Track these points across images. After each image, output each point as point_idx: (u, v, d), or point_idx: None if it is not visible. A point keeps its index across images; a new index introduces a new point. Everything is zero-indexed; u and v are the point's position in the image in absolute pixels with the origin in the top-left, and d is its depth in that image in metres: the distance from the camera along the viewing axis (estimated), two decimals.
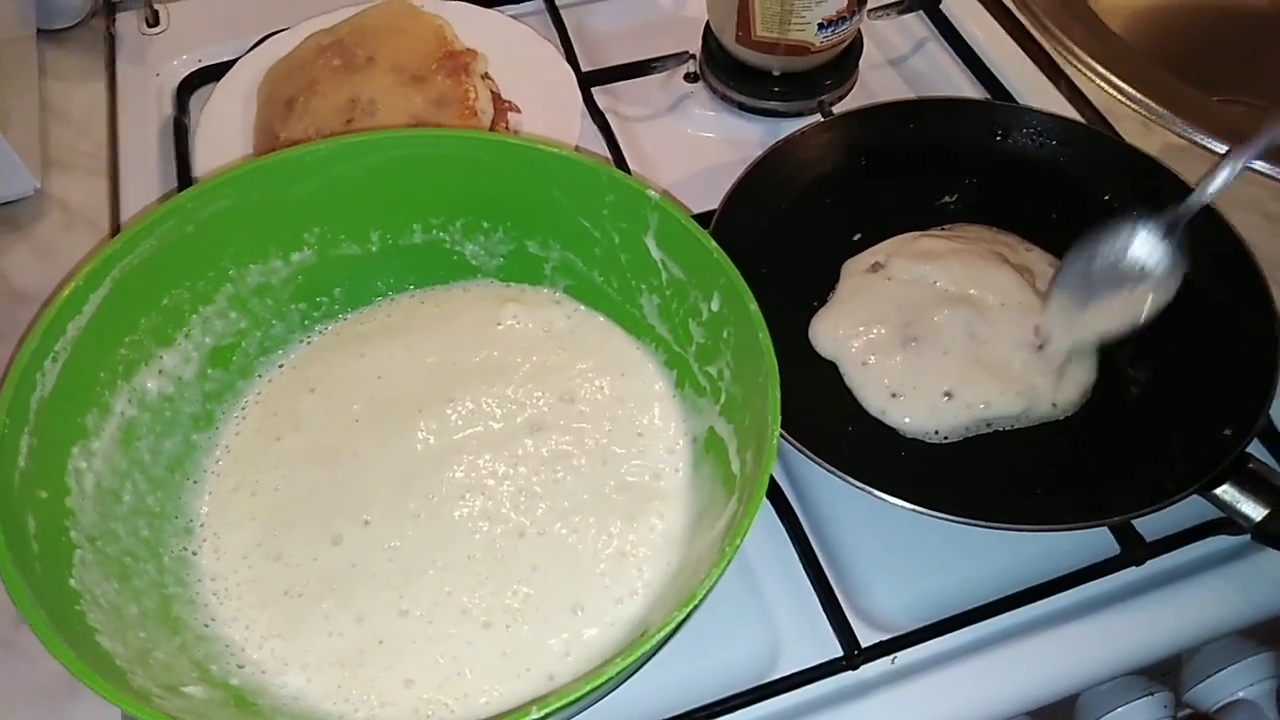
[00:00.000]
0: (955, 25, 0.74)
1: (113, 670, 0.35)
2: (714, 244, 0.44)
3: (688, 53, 0.70)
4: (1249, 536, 0.48)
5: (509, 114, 0.63)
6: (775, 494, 0.50)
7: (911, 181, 0.61)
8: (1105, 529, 0.49)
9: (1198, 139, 0.67)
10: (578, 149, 0.63)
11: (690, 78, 0.71)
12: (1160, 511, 0.46)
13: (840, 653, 0.46)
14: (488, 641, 0.42)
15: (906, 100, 0.68)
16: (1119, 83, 0.71)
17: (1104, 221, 0.50)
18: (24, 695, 0.46)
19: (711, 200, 0.57)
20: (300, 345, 0.52)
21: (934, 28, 0.75)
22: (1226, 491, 0.47)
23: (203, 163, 0.63)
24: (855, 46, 0.70)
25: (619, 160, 0.64)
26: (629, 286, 0.50)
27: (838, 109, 0.67)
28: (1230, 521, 0.48)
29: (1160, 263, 0.49)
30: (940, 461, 0.51)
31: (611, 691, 0.37)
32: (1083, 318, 0.51)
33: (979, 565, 0.50)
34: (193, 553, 0.45)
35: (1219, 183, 0.47)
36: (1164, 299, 0.49)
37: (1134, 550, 0.49)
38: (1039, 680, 0.47)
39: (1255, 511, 0.46)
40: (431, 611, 0.43)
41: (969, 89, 0.71)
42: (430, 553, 0.45)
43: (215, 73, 0.69)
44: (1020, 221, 0.59)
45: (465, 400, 0.50)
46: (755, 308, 0.42)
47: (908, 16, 0.76)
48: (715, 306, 0.46)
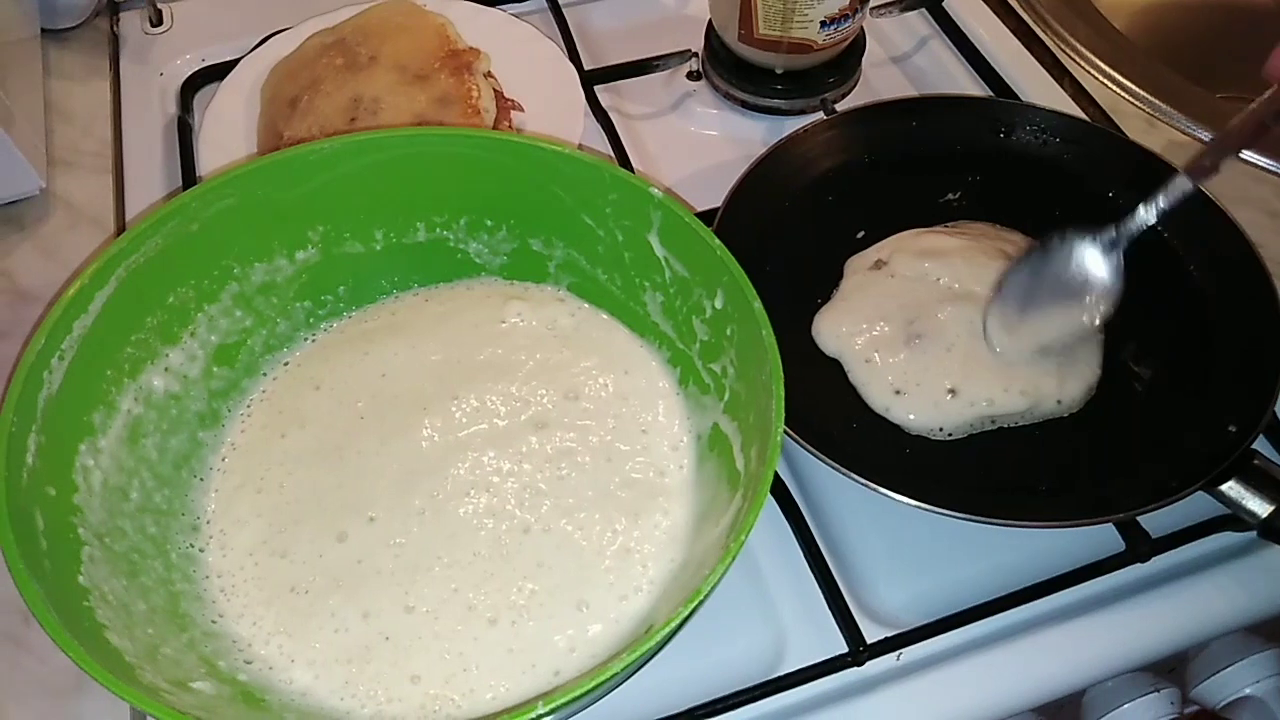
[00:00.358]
0: (958, 23, 0.74)
1: (122, 666, 0.36)
2: (717, 241, 0.44)
3: (690, 51, 0.71)
4: (1255, 533, 0.48)
5: (512, 112, 0.64)
6: (780, 490, 0.50)
7: (915, 179, 0.61)
8: (1110, 525, 0.49)
9: (1202, 136, 0.67)
10: (580, 147, 0.63)
11: (693, 76, 0.71)
12: (1165, 508, 0.46)
13: (845, 649, 0.46)
14: (493, 638, 0.43)
15: (909, 98, 0.68)
16: (1123, 80, 0.71)
17: (1055, 230, 0.51)
18: (33, 691, 0.46)
19: (714, 198, 0.57)
20: (305, 343, 0.52)
21: (937, 25, 0.75)
22: (1232, 488, 0.47)
23: (207, 162, 0.63)
24: (858, 44, 0.70)
25: (622, 158, 0.64)
26: (632, 284, 0.50)
27: (840, 107, 0.67)
28: (1236, 518, 0.48)
29: (1104, 277, 0.49)
30: (945, 458, 0.51)
31: (617, 687, 0.37)
32: (1022, 325, 0.51)
33: (984, 562, 0.50)
34: (199, 550, 0.45)
35: (1164, 203, 0.47)
36: (1104, 313, 0.50)
37: (1139, 547, 0.49)
38: (1045, 677, 0.47)
39: (1261, 508, 0.46)
40: (438, 608, 0.43)
41: (972, 86, 0.71)
42: (436, 549, 0.45)
43: (219, 72, 0.69)
44: (1024, 219, 0.59)
45: (469, 398, 0.50)
46: (759, 305, 0.42)
47: (910, 14, 0.76)
48: (719, 304, 0.46)
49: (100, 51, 0.72)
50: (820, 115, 0.66)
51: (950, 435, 0.51)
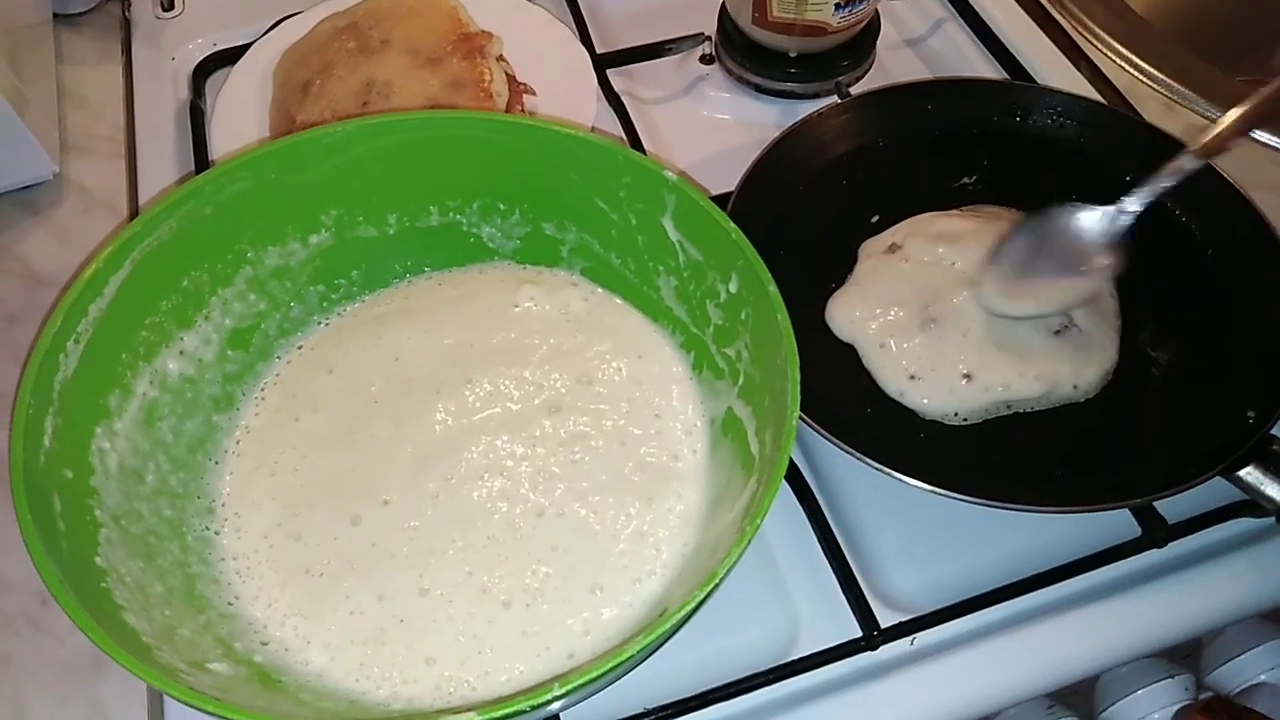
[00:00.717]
0: (973, 5, 0.73)
1: (140, 646, 0.36)
2: (732, 225, 0.44)
3: (703, 34, 0.70)
4: (1272, 519, 0.48)
5: (524, 96, 0.63)
6: (793, 475, 0.50)
7: (930, 163, 0.61)
8: (1127, 511, 0.49)
9: (1220, 119, 0.67)
10: (593, 131, 0.63)
11: (706, 59, 0.71)
12: (1182, 493, 0.46)
13: (859, 633, 0.46)
14: (508, 620, 0.43)
15: (924, 81, 0.67)
16: (1140, 62, 0.70)
17: (1063, 202, 0.51)
18: (51, 671, 0.46)
19: (728, 182, 0.57)
20: (319, 327, 0.52)
21: (952, 7, 0.74)
22: (1250, 474, 0.46)
23: (219, 146, 0.63)
24: (872, 27, 0.69)
25: (635, 142, 0.64)
26: (646, 268, 0.50)
27: (855, 90, 0.66)
28: (1253, 503, 0.47)
29: (1104, 249, 0.49)
30: (960, 443, 0.50)
31: (631, 670, 0.37)
32: (1018, 290, 0.51)
33: (998, 547, 0.50)
34: (215, 532, 0.45)
35: (1170, 178, 0.48)
36: (1101, 286, 0.50)
37: (1156, 532, 0.48)
38: (1059, 662, 0.47)
39: (1279, 494, 0.46)
40: (452, 591, 0.43)
41: (987, 69, 0.71)
42: (450, 532, 0.45)
43: (230, 56, 0.69)
44: (1040, 203, 0.58)
45: (483, 381, 0.50)
46: (774, 289, 0.42)
47: None
48: (733, 288, 0.45)
49: (112, 36, 0.72)
50: (834, 99, 0.65)
51: (965, 420, 0.51)
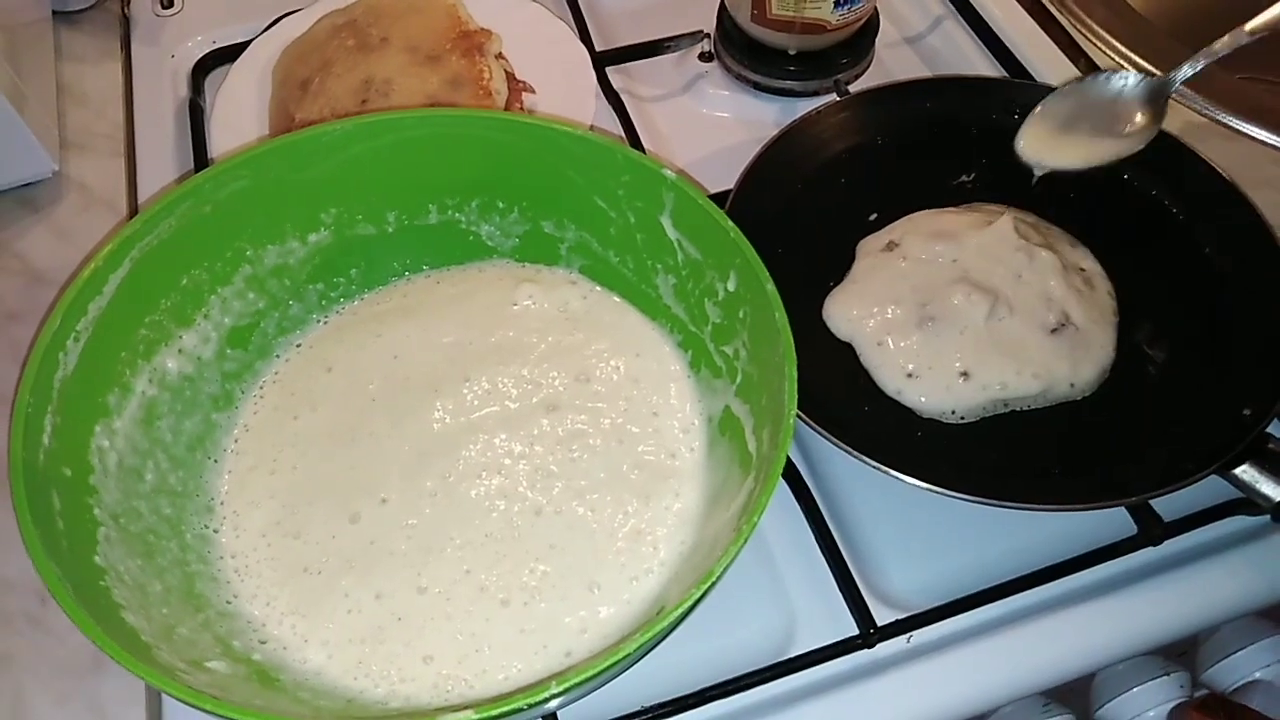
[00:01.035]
0: (973, 3, 0.73)
1: (139, 645, 0.36)
2: (730, 223, 0.44)
3: (702, 32, 0.70)
4: (1268, 517, 0.48)
5: (523, 94, 0.63)
6: (791, 473, 0.50)
7: (929, 161, 0.61)
8: (1123, 509, 0.49)
9: (1218, 117, 0.67)
10: (592, 129, 0.63)
11: (705, 57, 0.71)
12: (1178, 491, 0.46)
13: (856, 631, 0.46)
14: (505, 618, 0.43)
15: (923, 79, 0.67)
16: (1139, 60, 0.70)
17: (1100, 74, 0.55)
18: (51, 670, 0.46)
19: (727, 180, 0.57)
20: (317, 325, 0.52)
21: (951, 5, 0.74)
22: (1246, 472, 0.47)
23: (219, 144, 0.63)
24: (871, 24, 0.69)
25: (634, 140, 0.64)
26: (645, 266, 0.50)
27: (854, 88, 0.66)
28: (1249, 502, 0.48)
29: (1147, 114, 0.53)
30: (957, 441, 0.50)
31: (629, 668, 0.37)
32: (1056, 142, 0.54)
33: (995, 545, 0.50)
34: (214, 530, 0.46)
35: (1224, 49, 0.52)
36: (1134, 149, 0.54)
37: (1152, 530, 0.49)
38: (1055, 660, 0.47)
39: (1275, 492, 0.46)
40: (450, 589, 0.44)
41: (987, 67, 0.71)
42: (448, 531, 0.45)
43: (230, 54, 0.69)
44: (1038, 200, 0.59)
45: (481, 380, 0.50)
46: (772, 287, 0.42)
47: None
48: (731, 286, 0.46)
49: (111, 34, 0.72)
50: (833, 96, 0.65)
51: (962, 418, 0.51)
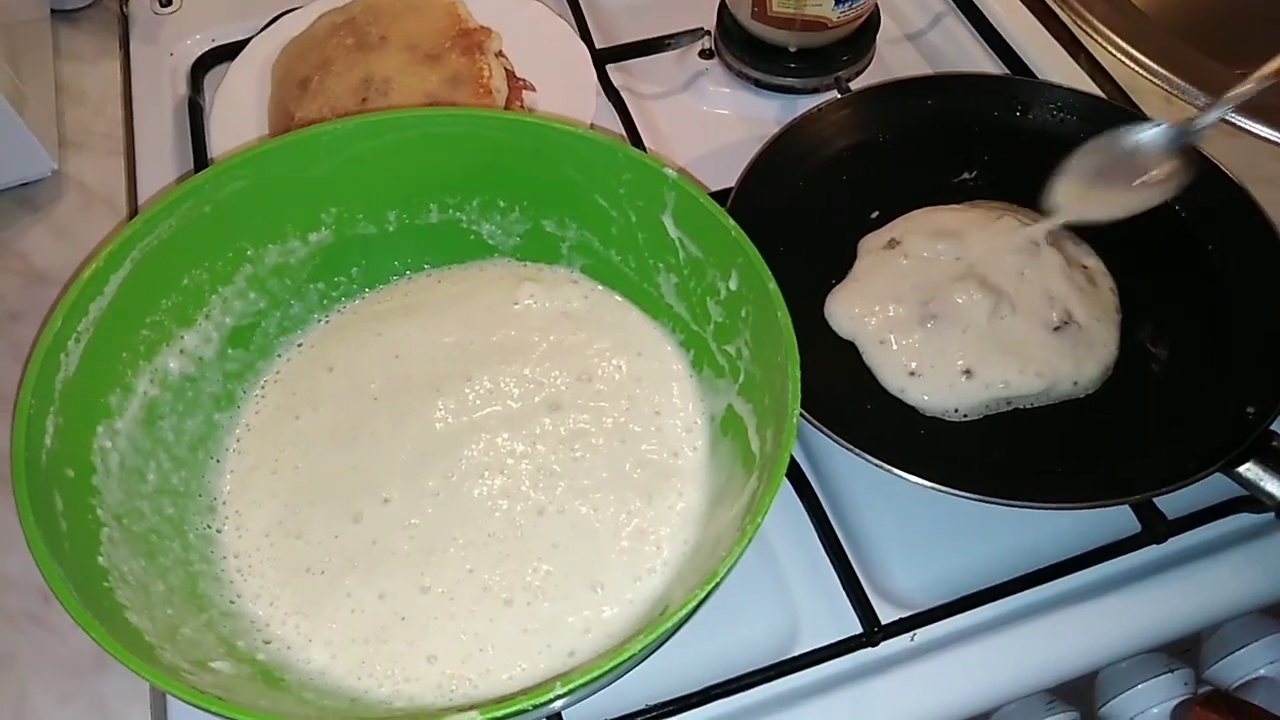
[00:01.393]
0: None
1: (142, 645, 0.36)
2: (732, 222, 0.44)
3: (703, 29, 0.70)
4: (1272, 514, 0.48)
5: (523, 92, 0.63)
6: (794, 472, 0.50)
7: (930, 158, 0.61)
8: (1126, 507, 0.49)
9: (1219, 113, 0.66)
10: (593, 127, 0.62)
11: (706, 54, 0.71)
12: (1182, 489, 0.46)
13: (860, 629, 0.46)
14: (509, 618, 0.43)
15: (925, 76, 0.67)
16: (1140, 56, 0.70)
17: (1125, 123, 0.55)
18: (55, 670, 0.46)
19: (728, 178, 0.57)
20: (319, 325, 0.52)
21: (952, 2, 0.74)
22: (1250, 470, 0.47)
23: (219, 143, 0.63)
24: (872, 21, 0.69)
25: (634, 138, 0.64)
26: (646, 265, 0.50)
27: (855, 85, 0.66)
28: (1253, 499, 0.48)
29: (1171, 164, 0.53)
30: (960, 439, 0.50)
31: (632, 668, 0.37)
32: (1087, 196, 0.54)
33: (999, 543, 0.50)
34: (217, 530, 0.46)
35: (1241, 94, 0.51)
36: (1167, 196, 0.54)
37: (1155, 528, 0.48)
38: (1059, 658, 0.47)
39: (1279, 489, 0.46)
40: (453, 589, 0.43)
41: (988, 64, 0.70)
42: (450, 530, 0.45)
43: (229, 52, 0.69)
44: (1040, 198, 0.59)
45: (483, 379, 0.50)
46: (774, 286, 0.42)
47: None
48: (733, 285, 0.45)
49: (110, 32, 0.72)
50: (834, 94, 0.65)
51: (965, 416, 0.51)
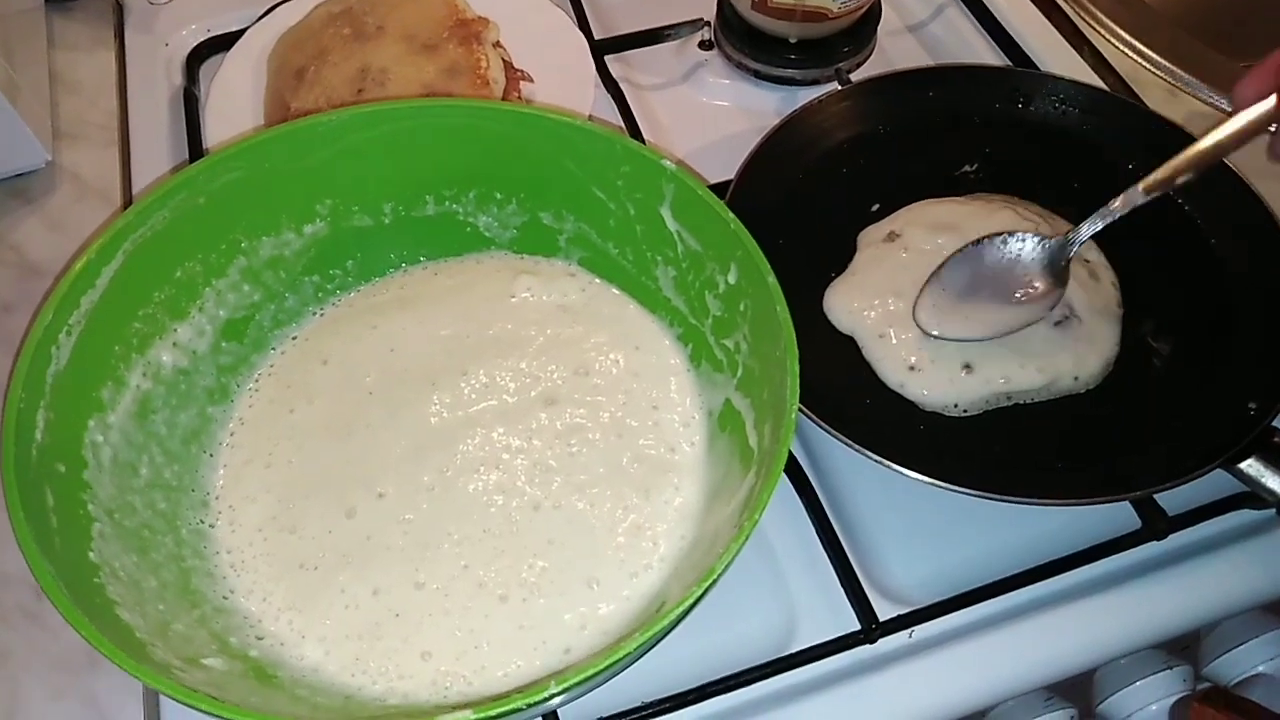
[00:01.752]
0: None
1: (133, 643, 0.36)
2: (731, 215, 0.44)
3: (702, 20, 0.69)
4: (1273, 511, 0.47)
5: (521, 83, 0.63)
6: (792, 467, 0.50)
7: (931, 151, 0.60)
8: (1126, 503, 0.48)
9: (1223, 106, 0.66)
10: (591, 118, 0.62)
11: (705, 45, 0.70)
12: (1182, 486, 0.46)
13: (858, 626, 0.46)
14: (504, 615, 0.43)
15: (926, 68, 0.67)
16: (1143, 48, 0.70)
17: (996, 237, 0.52)
18: (47, 665, 0.46)
19: (727, 170, 0.56)
20: (313, 317, 0.52)
21: None
22: (1251, 466, 0.46)
23: (213, 133, 0.63)
24: (873, 12, 0.68)
25: (633, 130, 0.63)
26: (644, 258, 0.50)
27: (855, 77, 0.66)
28: (1254, 496, 0.47)
29: (1048, 281, 0.50)
30: (960, 435, 0.50)
31: (628, 666, 0.37)
32: (955, 311, 0.51)
33: (998, 539, 0.50)
34: (210, 525, 0.45)
35: (1120, 210, 0.48)
36: (1036, 318, 0.50)
37: (1156, 524, 0.48)
38: (1057, 654, 0.47)
39: None
40: (448, 584, 0.43)
41: (990, 56, 0.70)
42: (445, 526, 0.45)
43: (225, 42, 0.68)
44: (1042, 191, 0.58)
45: (479, 373, 0.49)
46: (773, 280, 0.42)
47: None
48: (732, 279, 0.45)
49: (105, 22, 0.72)
50: (834, 85, 0.64)
51: (965, 412, 0.51)
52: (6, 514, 0.36)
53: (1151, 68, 0.69)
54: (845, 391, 0.51)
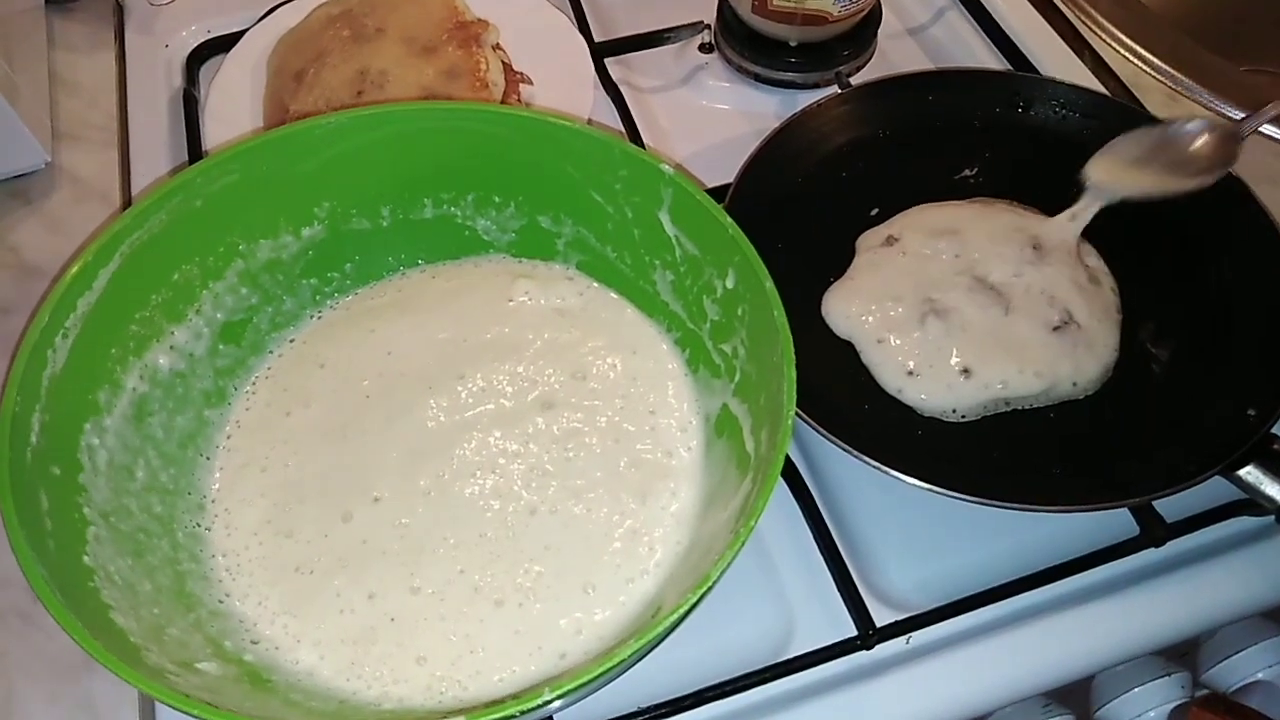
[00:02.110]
0: None
1: (127, 647, 0.36)
2: (729, 219, 0.44)
3: (703, 22, 0.69)
4: (1271, 518, 0.47)
5: (520, 86, 0.63)
6: (790, 472, 0.50)
7: (931, 155, 0.60)
8: (1125, 509, 0.48)
9: (1223, 110, 0.66)
10: (590, 121, 0.62)
11: (705, 48, 0.70)
12: (1181, 492, 0.46)
13: (855, 632, 0.46)
14: (500, 620, 0.42)
15: (926, 71, 0.67)
16: (1144, 53, 0.69)
17: (1173, 122, 0.56)
18: (42, 668, 0.46)
19: (726, 174, 0.56)
20: (311, 321, 0.52)
21: None
22: (1250, 473, 0.46)
23: (212, 135, 0.63)
24: (873, 15, 0.68)
25: (632, 133, 0.63)
26: (642, 263, 0.50)
27: (855, 80, 0.66)
28: (1252, 503, 0.47)
29: (1215, 157, 0.54)
30: (958, 440, 0.50)
31: (625, 671, 0.37)
32: (1125, 174, 0.55)
33: (996, 545, 0.49)
34: (205, 529, 0.45)
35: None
36: (1204, 185, 0.53)
37: (1154, 531, 0.48)
38: (1055, 661, 0.47)
39: (1279, 493, 0.46)
40: (443, 589, 0.43)
41: (990, 59, 0.70)
42: (441, 530, 0.45)
43: (225, 44, 0.68)
44: (1042, 195, 0.58)
45: (476, 377, 0.49)
46: (771, 285, 0.41)
47: None
48: (730, 283, 0.45)
49: (105, 23, 0.72)
50: (834, 89, 0.64)
51: (964, 417, 0.51)
52: (0, 517, 0.36)
53: (1152, 72, 0.69)
54: (843, 396, 0.51)
